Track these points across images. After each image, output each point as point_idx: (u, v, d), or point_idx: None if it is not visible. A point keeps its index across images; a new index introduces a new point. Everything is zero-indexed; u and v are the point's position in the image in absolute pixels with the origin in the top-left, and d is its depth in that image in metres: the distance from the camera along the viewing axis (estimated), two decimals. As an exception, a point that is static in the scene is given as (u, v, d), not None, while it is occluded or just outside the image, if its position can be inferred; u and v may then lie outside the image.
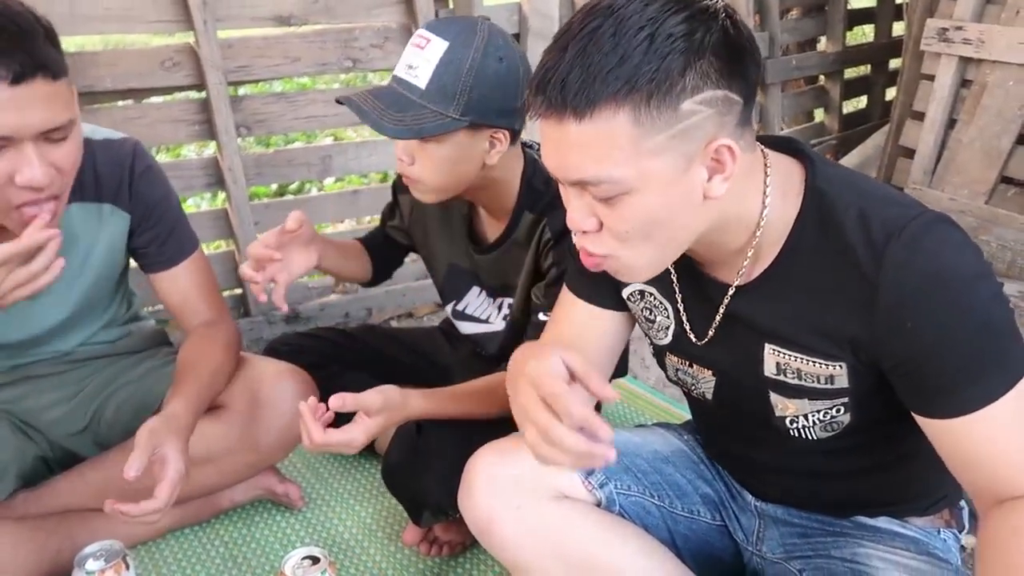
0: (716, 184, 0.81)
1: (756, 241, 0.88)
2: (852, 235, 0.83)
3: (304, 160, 2.26)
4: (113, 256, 1.31)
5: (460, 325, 1.50)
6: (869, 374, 0.87)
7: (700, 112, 0.77)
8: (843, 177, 0.88)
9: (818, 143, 3.61)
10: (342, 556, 1.37)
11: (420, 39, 1.18)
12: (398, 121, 1.17)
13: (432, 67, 1.16)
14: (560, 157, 0.81)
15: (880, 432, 0.94)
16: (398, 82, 1.20)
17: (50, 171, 1.05)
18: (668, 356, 1.07)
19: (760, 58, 0.82)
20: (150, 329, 1.48)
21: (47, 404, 1.34)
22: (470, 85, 1.17)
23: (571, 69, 0.76)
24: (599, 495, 1.08)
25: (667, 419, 1.71)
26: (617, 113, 0.76)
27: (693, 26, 0.75)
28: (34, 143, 1.03)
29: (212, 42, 2.00)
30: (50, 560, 1.25)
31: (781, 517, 1.08)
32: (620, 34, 0.75)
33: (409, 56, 1.19)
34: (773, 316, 0.91)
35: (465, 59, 1.17)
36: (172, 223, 1.33)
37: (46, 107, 1.02)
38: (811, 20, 3.57)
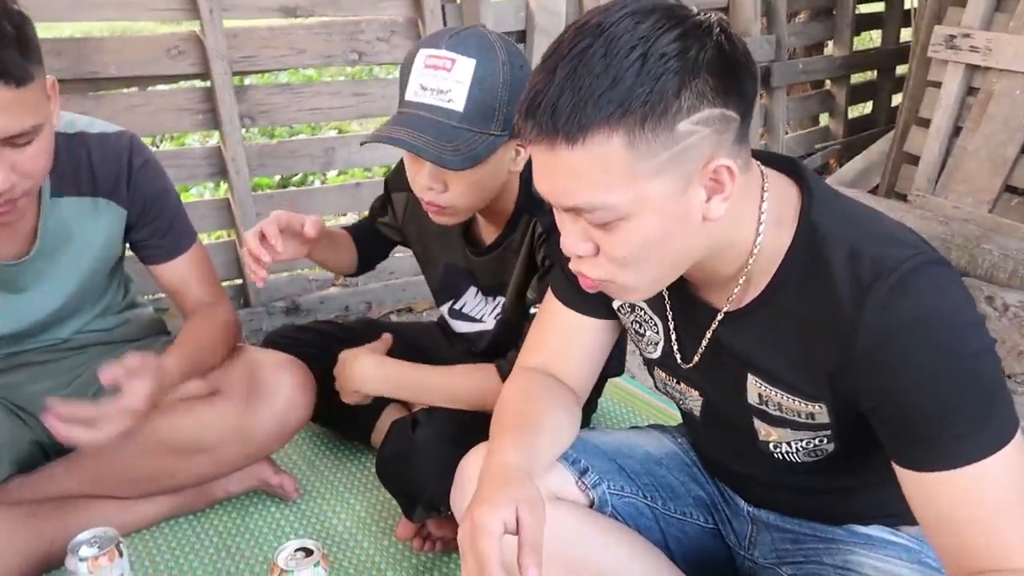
0: (715, 205, 0.79)
1: (748, 268, 0.86)
2: (839, 272, 0.80)
3: (307, 152, 2.26)
4: (108, 250, 1.31)
5: (455, 324, 1.50)
6: (850, 412, 0.85)
7: (697, 132, 0.74)
8: (841, 209, 0.85)
9: (822, 148, 3.60)
10: (335, 549, 1.38)
11: (441, 60, 1.13)
12: (455, 151, 1.12)
13: (466, 88, 1.12)
14: (553, 183, 0.78)
15: (867, 456, 0.92)
16: (428, 109, 1.14)
17: (10, 176, 1.03)
18: (656, 370, 1.07)
19: (756, 71, 0.80)
20: (148, 317, 1.48)
21: (43, 391, 1.33)
22: (506, 99, 1.14)
23: (561, 93, 0.73)
24: (592, 495, 1.08)
25: (663, 420, 1.71)
26: (611, 137, 0.73)
27: (687, 44, 0.73)
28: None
29: (218, 31, 2.00)
30: (44, 546, 1.26)
31: (773, 522, 1.08)
32: (611, 55, 0.72)
33: (432, 80, 1.13)
34: (757, 347, 0.90)
35: (497, 73, 1.13)
36: (171, 217, 1.33)
37: (6, 114, 0.99)
38: (819, 24, 3.57)
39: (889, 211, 0.92)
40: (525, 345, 1.12)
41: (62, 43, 1.94)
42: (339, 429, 1.66)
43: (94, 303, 1.36)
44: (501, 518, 0.78)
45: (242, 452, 1.37)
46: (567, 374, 1.07)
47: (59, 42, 1.94)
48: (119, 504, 1.35)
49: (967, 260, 2.37)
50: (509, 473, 0.85)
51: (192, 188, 3.08)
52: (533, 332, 1.11)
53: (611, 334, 1.09)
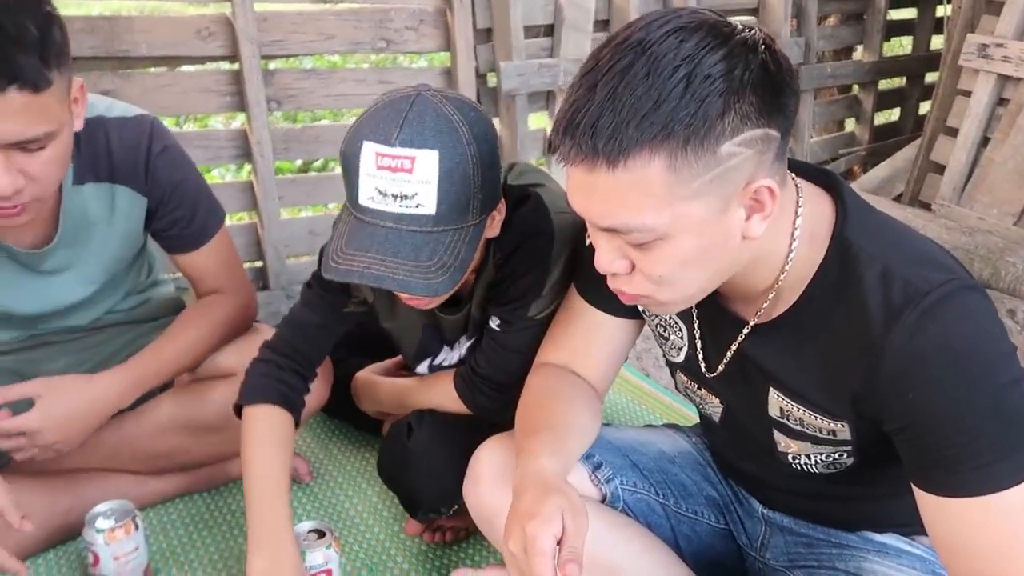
0: (755, 224, 0.77)
1: (779, 283, 0.85)
2: (870, 293, 0.79)
3: (331, 137, 2.26)
4: (130, 238, 1.29)
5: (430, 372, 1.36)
6: (872, 432, 0.85)
7: (740, 154, 0.73)
8: (876, 227, 0.84)
9: (847, 153, 3.57)
10: (346, 533, 1.39)
11: (397, 160, 0.96)
12: (443, 268, 0.99)
13: (435, 187, 0.96)
14: (589, 203, 0.77)
15: (885, 469, 0.92)
16: (394, 219, 0.98)
17: (17, 180, 1.00)
18: (678, 373, 1.07)
19: (798, 87, 0.78)
20: (167, 296, 1.49)
21: (60, 369, 1.34)
22: (480, 181, 1.00)
23: (601, 112, 0.71)
24: (605, 490, 1.08)
25: (678, 420, 1.70)
26: (652, 160, 0.71)
27: (732, 64, 0.71)
28: (3, 152, 0.98)
29: (248, 14, 2.01)
30: (61, 517, 1.28)
31: (787, 526, 1.08)
32: (654, 74, 0.70)
33: (391, 184, 0.97)
34: (782, 362, 0.89)
35: (466, 158, 0.98)
36: (193, 204, 1.29)
37: (20, 119, 0.96)
38: (848, 28, 3.53)
39: (912, 220, 0.90)
40: (546, 339, 1.12)
41: (95, 21, 1.96)
42: (351, 420, 1.66)
43: (117, 289, 1.36)
44: (552, 534, 0.79)
45: None
46: (589, 371, 1.07)
47: (91, 20, 1.96)
48: (134, 479, 1.37)
49: (990, 272, 2.35)
50: (549, 481, 0.85)
51: (215, 170, 3.09)
52: (556, 327, 1.11)
53: (634, 333, 1.09)
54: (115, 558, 1.15)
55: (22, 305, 1.26)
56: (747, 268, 0.84)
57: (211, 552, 1.33)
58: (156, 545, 1.33)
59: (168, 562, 1.30)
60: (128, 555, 1.16)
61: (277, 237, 2.19)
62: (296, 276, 2.28)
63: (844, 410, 0.86)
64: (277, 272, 2.21)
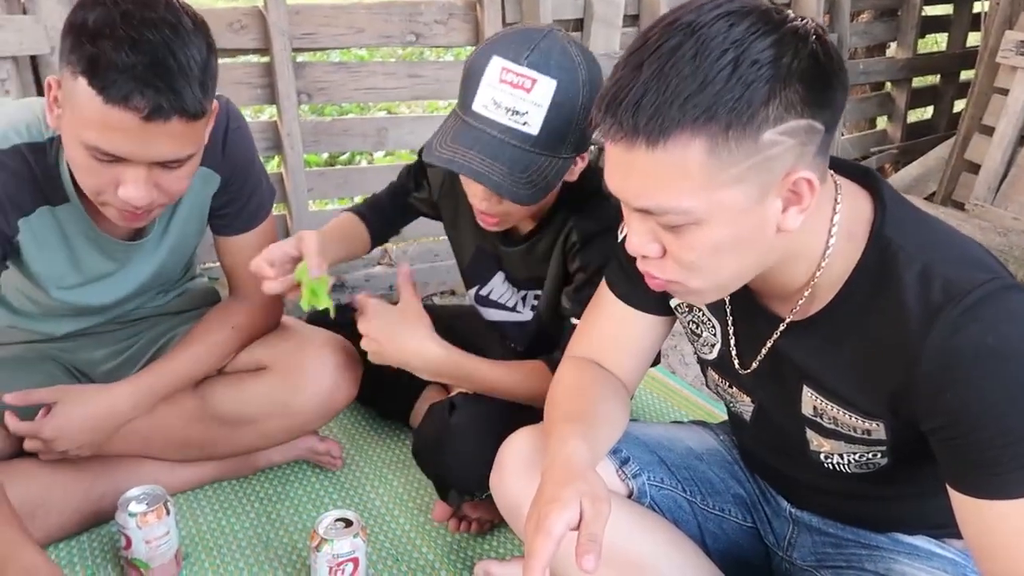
0: (791, 216, 0.77)
1: (815, 280, 0.84)
2: (909, 291, 0.78)
3: (360, 131, 2.28)
4: (199, 218, 1.31)
5: (485, 312, 1.48)
6: (908, 432, 0.84)
7: (781, 143, 0.72)
8: (916, 226, 0.83)
9: (878, 151, 3.52)
10: (372, 522, 1.40)
11: (520, 78, 1.07)
12: (528, 183, 1.08)
13: (544, 112, 1.07)
14: (625, 182, 0.76)
15: (918, 469, 0.91)
16: (500, 130, 1.09)
17: (152, 193, 1.04)
18: (709, 370, 1.06)
19: (847, 82, 0.77)
20: (202, 287, 1.51)
21: (101, 358, 1.37)
22: (579, 123, 1.10)
23: (645, 91, 0.71)
24: (632, 485, 1.08)
25: (703, 417, 1.70)
26: (692, 142, 0.71)
27: (780, 51, 0.70)
28: (147, 167, 1.03)
29: (281, 7, 2.02)
30: (94, 501, 1.30)
31: (816, 525, 1.07)
32: (701, 56, 0.69)
33: (508, 97, 1.07)
34: (818, 360, 0.88)
35: (577, 96, 1.08)
36: (255, 185, 1.32)
37: (172, 143, 1.01)
38: (882, 24, 3.48)
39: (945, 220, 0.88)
40: (577, 333, 1.12)
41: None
42: (378, 408, 1.68)
43: (172, 274, 1.38)
44: (566, 520, 0.78)
45: (286, 426, 1.40)
46: (618, 367, 1.07)
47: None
48: (165, 466, 1.39)
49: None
50: (574, 468, 0.85)
51: (245, 161, 3.11)
52: (586, 321, 1.11)
53: (664, 330, 1.08)
54: (147, 542, 1.17)
55: (100, 298, 1.29)
56: (782, 263, 0.83)
57: (239, 538, 1.35)
58: (186, 530, 1.35)
59: (197, 547, 1.32)
60: (159, 539, 1.18)
61: (305, 229, 2.21)
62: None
63: (880, 409, 0.85)
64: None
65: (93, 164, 1.01)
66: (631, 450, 1.10)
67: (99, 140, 0.98)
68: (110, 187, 1.03)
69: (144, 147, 0.99)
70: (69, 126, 1.01)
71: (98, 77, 0.94)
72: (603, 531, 0.79)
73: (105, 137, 0.98)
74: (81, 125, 0.98)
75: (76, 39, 0.96)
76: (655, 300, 1.04)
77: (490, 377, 1.26)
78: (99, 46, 0.94)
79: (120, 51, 0.94)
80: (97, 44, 0.94)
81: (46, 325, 1.32)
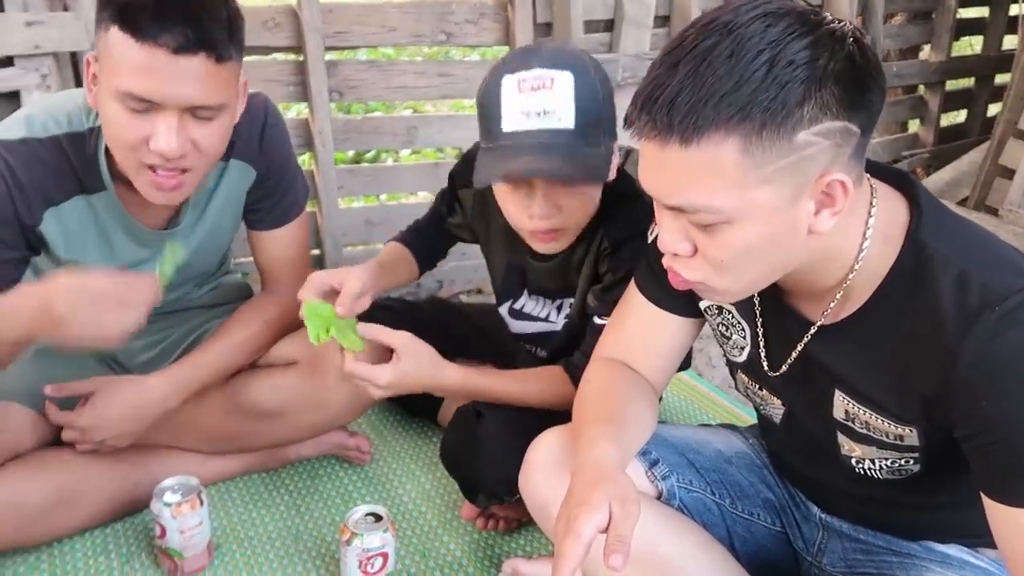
0: (824, 219, 0.76)
1: (847, 283, 0.84)
2: (945, 296, 0.77)
3: (390, 129, 2.29)
4: (234, 211, 1.33)
5: (514, 324, 1.47)
6: (941, 438, 0.83)
7: (816, 144, 0.72)
8: (952, 230, 0.82)
9: (910, 155, 3.48)
10: (400, 518, 1.41)
11: (539, 80, 1.08)
12: (587, 168, 1.10)
13: (572, 103, 1.08)
14: (659, 180, 0.77)
15: (952, 477, 0.90)
16: (540, 135, 1.09)
17: (185, 145, 1.07)
18: (739, 373, 1.06)
19: (885, 85, 0.76)
20: (236, 282, 1.54)
21: (137, 349, 1.40)
22: (606, 110, 1.12)
23: (681, 89, 0.71)
24: (661, 487, 1.08)
25: (731, 420, 1.69)
26: (726, 141, 0.71)
27: (817, 52, 0.70)
28: (179, 114, 1.05)
29: (314, 6, 2.04)
30: (129, 490, 1.32)
31: (846, 531, 1.07)
32: (737, 56, 0.70)
33: (534, 102, 1.08)
34: (850, 364, 0.88)
35: (594, 84, 1.11)
36: (291, 182, 1.35)
37: (200, 84, 1.04)
38: (915, 27, 3.44)
39: (977, 225, 0.87)
40: (605, 334, 1.12)
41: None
42: (406, 406, 1.69)
43: (207, 265, 1.41)
44: (596, 522, 0.78)
45: (316, 421, 1.41)
46: (646, 369, 1.07)
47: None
48: (197, 457, 1.41)
49: (1060, 281, 2.27)
50: (603, 470, 0.85)
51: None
52: (615, 323, 1.11)
53: (693, 333, 1.08)
54: (181, 531, 1.19)
55: None
56: (815, 265, 0.83)
57: (269, 531, 1.36)
58: (216, 521, 1.37)
59: (228, 538, 1.34)
60: (193, 529, 1.20)
61: (335, 226, 2.23)
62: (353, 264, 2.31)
63: (913, 415, 0.85)
64: (335, 260, 2.25)
65: (127, 117, 1.04)
66: (660, 452, 1.10)
67: (132, 83, 1.02)
68: (143, 143, 1.06)
69: (173, 86, 1.02)
70: (105, 84, 1.05)
71: (128, 20, 1.00)
72: (632, 532, 0.79)
73: (138, 79, 1.01)
74: (115, 75, 1.03)
75: None
76: (685, 302, 1.04)
77: (508, 391, 1.27)
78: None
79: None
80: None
81: None
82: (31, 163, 1.13)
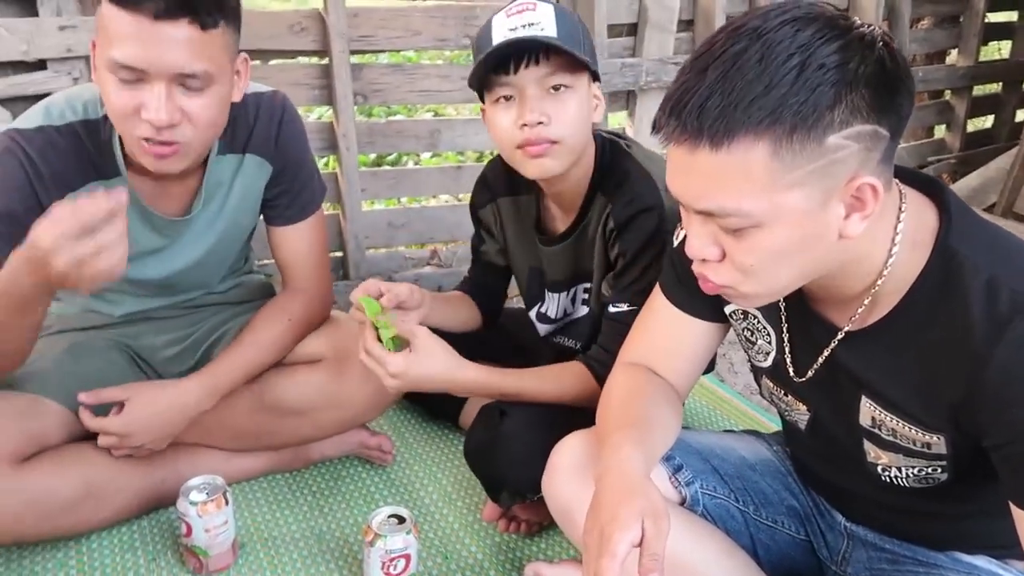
0: (854, 223, 0.76)
1: (876, 289, 0.83)
2: (975, 303, 0.77)
3: (414, 132, 2.31)
4: (251, 205, 1.35)
5: (543, 328, 1.50)
6: (969, 446, 0.83)
7: (846, 147, 0.72)
8: (982, 236, 0.82)
9: (936, 160, 3.45)
10: (421, 519, 1.41)
11: (521, 5, 1.17)
12: (576, 49, 1.15)
13: (554, 17, 1.16)
14: (688, 184, 0.77)
15: (980, 487, 0.90)
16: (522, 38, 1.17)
17: (175, 115, 1.08)
18: (764, 379, 1.05)
19: (914, 89, 0.76)
20: (259, 281, 1.56)
21: (162, 345, 1.42)
22: (588, 38, 1.20)
23: (711, 94, 0.71)
24: (685, 492, 1.08)
25: (753, 427, 1.68)
26: (756, 144, 0.71)
27: (847, 56, 0.70)
28: (167, 84, 1.06)
29: (340, 10, 2.06)
30: (155, 487, 1.34)
31: (871, 540, 1.06)
32: (767, 60, 0.70)
33: (518, 20, 1.16)
34: (877, 371, 0.87)
35: (574, 16, 1.20)
36: (307, 178, 1.38)
37: (184, 50, 1.05)
38: (943, 31, 3.41)
39: (1005, 232, 0.86)
40: (629, 338, 1.12)
41: (195, 15, 2.04)
42: (428, 407, 1.70)
43: (224, 261, 1.42)
44: (629, 540, 0.79)
45: (339, 418, 1.42)
46: (670, 373, 1.07)
47: (192, 13, 2.04)
48: (223, 455, 1.42)
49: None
50: (633, 482, 0.85)
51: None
52: (639, 327, 1.11)
53: (718, 337, 1.08)
54: (206, 530, 1.20)
55: (150, 272, 1.33)
56: (843, 270, 0.83)
57: (292, 530, 1.37)
58: (240, 521, 1.38)
59: (252, 537, 1.35)
60: (218, 528, 1.21)
61: (358, 228, 2.25)
62: (375, 267, 2.33)
63: (941, 422, 0.84)
64: (357, 262, 2.27)
65: (119, 88, 1.07)
66: (684, 458, 1.10)
67: (118, 53, 1.04)
68: (136, 115, 1.08)
69: (156, 51, 1.04)
70: (99, 57, 1.07)
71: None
72: (664, 548, 0.80)
73: (124, 48, 1.03)
74: (106, 46, 1.05)
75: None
76: (709, 306, 1.04)
77: (527, 388, 1.27)
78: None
79: None
80: None
81: (102, 304, 1.37)
82: (48, 150, 1.16)
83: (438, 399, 1.63)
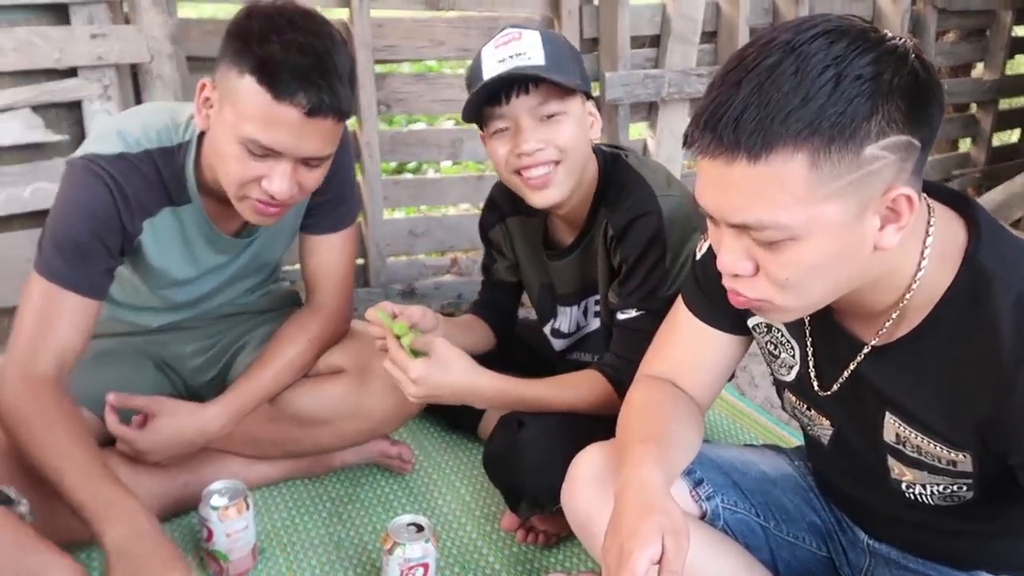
0: (889, 234, 0.76)
1: (903, 304, 0.83)
2: (1004, 320, 0.76)
3: (435, 141, 2.32)
4: (295, 212, 1.36)
5: (557, 343, 1.52)
6: (996, 465, 0.82)
7: (882, 158, 0.72)
8: (1012, 252, 0.81)
9: (960, 174, 3.41)
10: (440, 529, 1.42)
11: (508, 36, 1.21)
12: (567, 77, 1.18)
13: (541, 46, 1.19)
14: (724, 198, 0.76)
15: (1007, 505, 0.88)
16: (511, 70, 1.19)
17: (293, 188, 1.14)
18: (786, 393, 1.04)
19: (944, 101, 0.77)
20: (285, 290, 1.58)
21: (189, 353, 1.44)
22: (577, 58, 1.24)
23: (746, 107, 0.71)
24: (705, 507, 1.08)
25: (773, 440, 1.67)
26: (794, 156, 0.71)
27: (881, 67, 0.71)
28: (293, 162, 1.12)
29: (365, 20, 2.08)
30: (177, 490, 1.35)
31: (894, 558, 1.05)
32: (803, 73, 0.70)
33: (505, 51, 1.19)
34: (902, 387, 0.86)
35: (563, 40, 1.24)
36: (346, 195, 1.40)
37: (321, 141, 1.12)
38: (969, 44, 3.38)
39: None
40: (650, 352, 1.12)
41: (220, 23, 2.06)
42: (446, 418, 1.70)
43: (259, 277, 1.45)
44: (649, 556, 0.79)
45: (360, 428, 1.43)
46: (692, 387, 1.07)
47: (219, 23, 2.07)
48: (244, 461, 1.43)
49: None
50: (653, 498, 0.85)
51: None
52: (660, 340, 1.11)
53: (741, 350, 1.07)
54: (227, 535, 1.21)
55: (206, 286, 1.36)
56: (871, 284, 0.82)
57: (311, 537, 1.38)
58: (260, 526, 1.39)
59: (272, 543, 1.36)
60: (239, 533, 1.22)
61: (380, 236, 2.26)
62: (395, 275, 2.34)
63: (967, 440, 0.83)
64: (378, 270, 2.28)
65: (245, 158, 1.10)
66: (705, 472, 1.10)
67: (260, 134, 1.07)
68: (255, 182, 1.12)
69: (299, 142, 1.09)
70: (226, 122, 1.10)
71: (268, 75, 1.04)
72: (684, 566, 0.80)
73: (267, 132, 1.07)
74: (243, 120, 1.07)
75: (243, 43, 1.06)
76: (732, 319, 1.03)
77: (545, 398, 1.28)
78: (268, 49, 1.04)
79: (289, 53, 1.04)
80: (266, 47, 1.04)
81: (143, 316, 1.41)
82: (130, 176, 1.19)
83: (457, 410, 1.64)
